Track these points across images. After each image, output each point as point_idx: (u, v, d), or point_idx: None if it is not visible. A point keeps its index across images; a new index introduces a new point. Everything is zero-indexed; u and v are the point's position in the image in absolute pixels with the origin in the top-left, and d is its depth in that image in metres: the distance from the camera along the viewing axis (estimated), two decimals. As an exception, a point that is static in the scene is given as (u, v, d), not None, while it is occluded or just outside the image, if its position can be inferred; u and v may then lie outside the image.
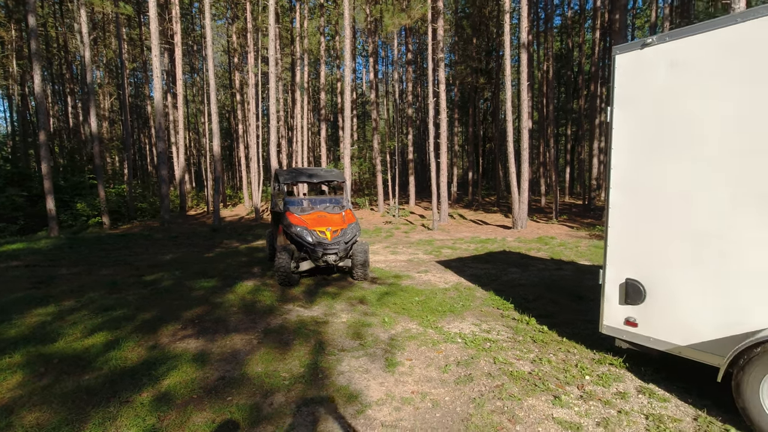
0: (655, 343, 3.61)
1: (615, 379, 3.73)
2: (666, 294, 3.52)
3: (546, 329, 4.93)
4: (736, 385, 2.94)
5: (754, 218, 3.01)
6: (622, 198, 3.81)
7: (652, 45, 3.53)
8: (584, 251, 10.16)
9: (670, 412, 3.22)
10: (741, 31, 3.03)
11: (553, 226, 15.07)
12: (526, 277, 7.61)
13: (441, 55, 15.65)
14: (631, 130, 3.71)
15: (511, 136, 14.52)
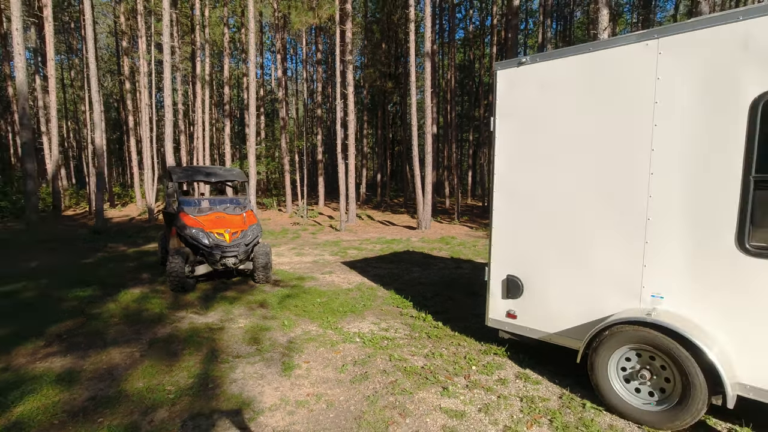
0: (531, 332, 4.01)
1: (497, 367, 4.06)
2: (539, 288, 3.93)
3: (441, 325, 5.21)
4: (590, 365, 3.38)
5: (604, 222, 3.49)
6: (503, 201, 4.17)
7: (526, 64, 3.91)
8: (481, 250, 10.94)
9: (540, 393, 3.60)
10: (595, 59, 3.49)
11: (455, 226, 16.01)
12: (426, 276, 7.97)
13: (350, 57, 15.77)
14: (509, 139, 4.08)
15: (416, 140, 15.13)
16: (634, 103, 3.30)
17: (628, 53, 3.32)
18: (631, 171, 3.33)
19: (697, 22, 3.06)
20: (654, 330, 3.05)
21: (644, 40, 3.24)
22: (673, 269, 3.17)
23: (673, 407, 3.00)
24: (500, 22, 23.27)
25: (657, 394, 3.14)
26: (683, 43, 3.06)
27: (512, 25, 15.03)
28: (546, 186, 3.84)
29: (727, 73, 2.88)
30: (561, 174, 3.74)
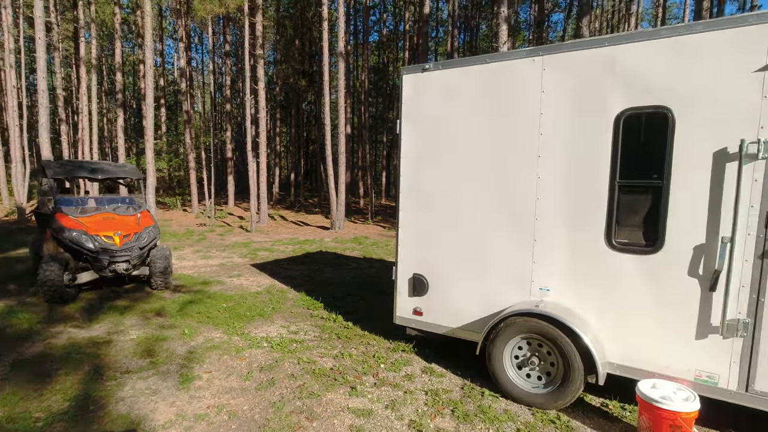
0: (436, 328, 4.18)
1: (405, 363, 4.18)
2: (443, 286, 4.12)
3: (351, 325, 5.23)
4: (488, 356, 3.63)
5: (500, 222, 3.76)
6: (408, 202, 4.31)
7: (430, 71, 4.08)
8: (393, 250, 11.20)
9: (444, 385, 3.77)
10: (491, 70, 3.75)
11: (369, 226, 16.22)
12: (338, 276, 7.95)
13: (261, 51, 15.17)
14: (414, 142, 4.22)
15: (330, 140, 15.05)
16: (523, 113, 3.60)
17: (519, 67, 3.61)
18: (522, 175, 3.63)
19: (573, 44, 3.43)
20: (541, 320, 3.36)
21: (532, 56, 3.56)
22: (557, 264, 3.52)
23: (557, 388, 3.33)
24: (413, 28, 24.08)
25: (544, 377, 3.46)
26: (563, 62, 3.41)
27: (423, 32, 15.63)
28: (448, 188, 4.04)
29: (597, 90, 3.27)
30: (461, 177, 3.96)
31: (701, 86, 2.92)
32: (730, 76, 2.83)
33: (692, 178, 2.98)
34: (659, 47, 3.04)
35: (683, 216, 3.01)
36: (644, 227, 3.19)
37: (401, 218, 4.36)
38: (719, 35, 2.86)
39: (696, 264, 2.99)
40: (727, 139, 2.85)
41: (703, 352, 2.99)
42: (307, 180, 35.21)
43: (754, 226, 2.80)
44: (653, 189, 3.12)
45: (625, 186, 3.22)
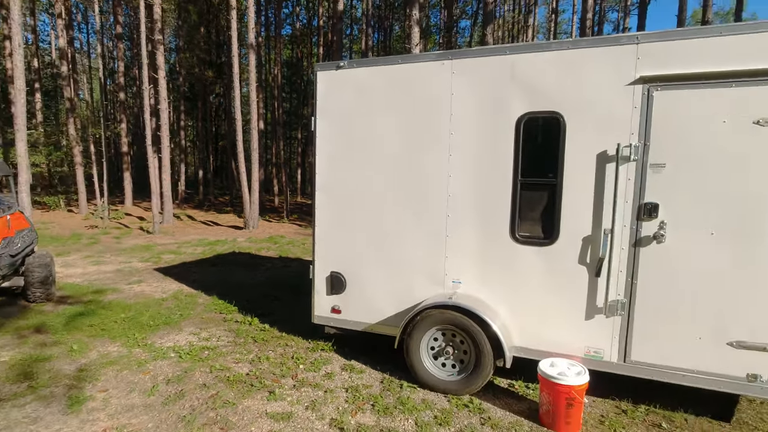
0: (355, 325, 4.21)
1: (324, 362, 4.14)
2: (361, 283, 4.15)
3: (268, 327, 5.05)
4: (406, 348, 3.74)
5: (414, 218, 3.89)
6: (324, 200, 4.27)
7: (345, 68, 4.07)
8: (310, 248, 11.00)
9: (364, 381, 3.81)
10: (404, 71, 3.85)
11: (285, 225, 15.78)
12: (253, 278, 7.63)
13: (160, 37, 13.93)
14: (329, 139, 4.19)
15: (242, 135, 14.34)
16: (435, 113, 3.76)
17: (429, 69, 3.76)
18: (434, 173, 3.79)
19: (479, 50, 3.66)
20: (454, 311, 3.54)
21: (441, 59, 3.72)
22: (468, 258, 3.73)
23: (470, 374, 3.54)
24: (327, 24, 23.84)
25: (458, 365, 3.66)
26: (470, 66, 3.62)
27: (337, 29, 15.56)
28: (363, 186, 4.07)
29: (500, 94, 3.52)
30: (376, 175, 4.02)
31: (586, 96, 3.28)
32: (608, 88, 3.22)
33: (580, 176, 3.34)
34: (551, 58, 3.36)
35: (573, 211, 3.37)
36: (542, 221, 3.51)
37: (317, 216, 4.30)
38: (599, 51, 3.24)
39: (584, 253, 3.37)
40: (607, 143, 3.25)
41: (591, 331, 3.39)
42: (217, 177, 33.23)
43: (629, 218, 3.23)
44: (549, 186, 3.45)
45: (526, 184, 3.51)
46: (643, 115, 3.14)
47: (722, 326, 3.04)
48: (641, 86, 3.14)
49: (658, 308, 3.19)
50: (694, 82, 3.01)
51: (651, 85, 3.11)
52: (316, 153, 4.26)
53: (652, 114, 3.12)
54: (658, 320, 3.19)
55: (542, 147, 3.47)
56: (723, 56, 2.94)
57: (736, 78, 2.92)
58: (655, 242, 3.16)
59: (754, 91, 2.89)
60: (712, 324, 3.06)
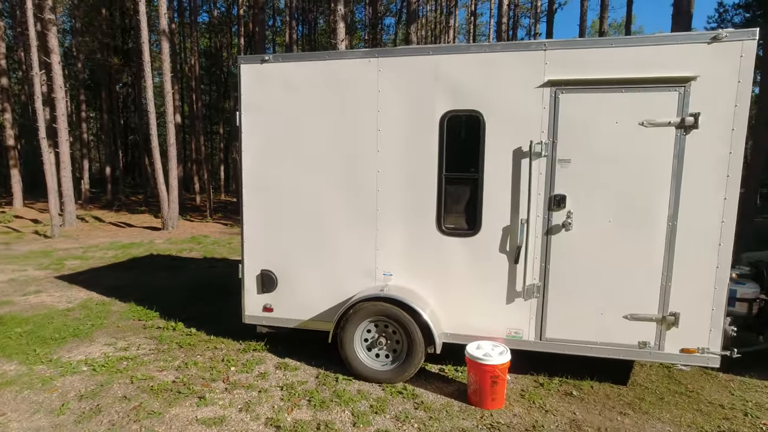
0: (288, 323, 4.16)
1: (257, 362, 4.05)
2: (293, 280, 4.11)
3: (194, 331, 4.81)
4: (340, 342, 3.78)
5: (345, 214, 3.93)
6: (252, 197, 4.15)
7: (270, 62, 3.99)
8: (237, 247, 10.59)
9: (299, 377, 3.79)
10: (331, 67, 3.85)
11: (208, 224, 14.97)
12: (176, 280, 7.18)
13: (51, 16, 12.43)
14: (256, 135, 4.07)
15: (156, 129, 13.32)
16: (362, 110, 3.82)
17: (357, 66, 3.80)
18: (363, 169, 3.85)
19: (404, 49, 3.78)
20: (386, 302, 3.65)
21: (368, 57, 3.78)
22: (398, 251, 3.86)
23: (403, 363, 3.68)
24: (247, 14, 22.84)
25: (391, 355, 3.78)
26: (396, 65, 3.72)
27: (259, 20, 15.00)
28: (293, 182, 4.03)
29: (425, 93, 3.67)
30: (306, 170, 3.99)
31: (502, 96, 3.54)
32: (521, 90, 3.50)
33: (499, 171, 3.60)
34: (471, 60, 3.58)
35: (494, 203, 3.63)
36: (466, 214, 3.74)
37: (246, 214, 4.18)
38: (513, 56, 3.51)
39: (504, 242, 3.65)
40: (521, 140, 3.53)
41: (512, 313, 3.68)
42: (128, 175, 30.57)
43: (541, 209, 3.55)
44: (472, 181, 3.67)
45: (451, 178, 3.71)
46: (552, 115, 3.46)
47: (619, 302, 3.48)
48: (549, 89, 3.45)
49: (568, 289, 3.55)
50: (593, 87, 3.38)
51: (557, 88, 3.44)
52: (242, 149, 4.13)
53: (558, 114, 3.45)
54: (568, 300, 3.56)
55: (464, 144, 3.68)
56: (614, 65, 3.33)
57: (625, 84, 3.32)
58: (564, 230, 3.52)
59: (639, 96, 3.31)
60: (611, 300, 3.48)
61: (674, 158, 3.30)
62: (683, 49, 3.24)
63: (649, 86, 3.29)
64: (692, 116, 3.22)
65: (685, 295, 3.37)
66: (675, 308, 3.39)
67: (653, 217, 3.37)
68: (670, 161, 3.31)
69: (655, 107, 3.30)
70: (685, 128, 3.25)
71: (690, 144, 3.27)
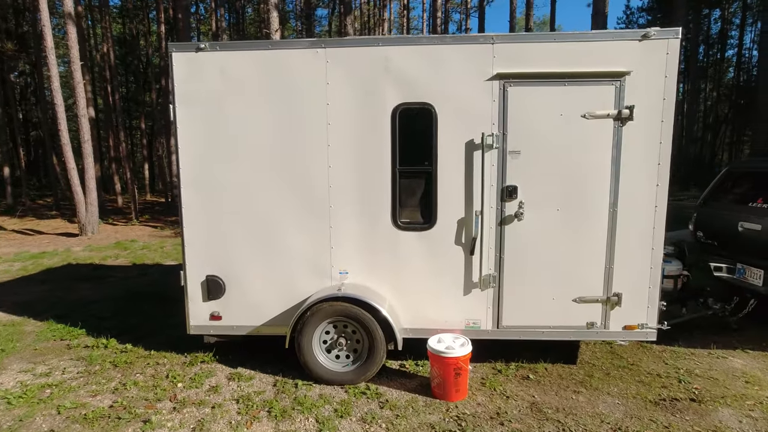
0: (239, 330, 3.90)
1: (207, 375, 3.77)
2: (242, 284, 3.85)
3: (130, 347, 4.37)
4: (298, 346, 3.61)
5: (295, 212, 3.74)
6: (192, 197, 3.82)
7: (206, 51, 3.67)
8: (170, 251, 9.84)
9: (255, 387, 3.58)
10: (275, 57, 3.62)
11: (134, 227, 13.76)
12: (102, 291, 6.50)
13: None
14: (193, 130, 3.73)
15: (65, 124, 11.93)
16: (310, 103, 3.64)
17: (303, 56, 3.61)
18: (314, 164, 3.69)
19: (353, 40, 3.66)
20: (344, 302, 3.54)
21: (314, 47, 3.60)
22: (353, 247, 3.75)
23: (365, 362, 3.60)
24: (167, 0, 21.14)
25: (352, 355, 3.68)
26: (344, 56, 3.58)
27: (182, 5, 13.93)
28: (237, 180, 3.76)
29: (376, 85, 3.58)
30: (251, 167, 3.74)
31: (453, 88, 3.54)
32: (471, 82, 3.52)
33: (452, 164, 3.61)
34: (422, 52, 3.53)
35: (448, 195, 3.64)
36: (421, 207, 3.71)
37: (185, 216, 3.83)
38: (462, 48, 3.51)
39: (459, 234, 3.68)
40: (473, 132, 3.56)
41: (469, 305, 3.73)
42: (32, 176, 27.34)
43: (495, 200, 3.61)
44: (426, 174, 3.65)
45: (405, 172, 3.66)
46: (501, 107, 3.52)
47: (568, 286, 3.65)
48: (498, 82, 3.51)
49: (522, 277, 3.67)
50: (538, 80, 3.49)
51: (506, 81, 3.50)
52: (179, 146, 3.77)
53: (507, 106, 3.52)
54: (522, 287, 3.67)
55: (417, 137, 3.64)
56: (557, 59, 3.45)
57: (568, 78, 3.46)
58: (516, 220, 3.61)
59: (580, 89, 3.47)
60: (561, 285, 3.65)
61: (613, 148, 3.50)
62: (618, 45, 3.43)
63: (589, 80, 3.46)
64: (627, 108, 3.43)
65: (625, 277, 3.62)
66: (617, 289, 3.62)
67: (596, 205, 3.56)
68: (609, 151, 3.51)
69: (594, 100, 3.47)
70: (622, 120, 3.46)
71: (626, 135, 3.48)
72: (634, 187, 3.53)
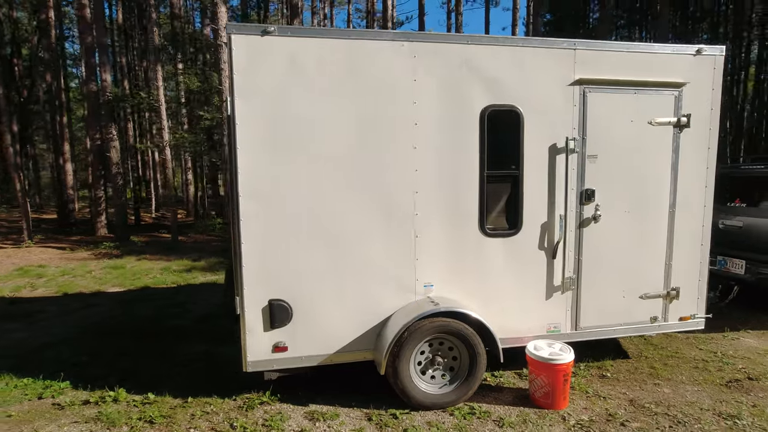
0: (308, 360, 3.36)
1: (281, 419, 3.16)
2: (311, 307, 3.32)
3: (153, 396, 3.50)
4: (393, 371, 3.22)
5: (376, 220, 3.36)
6: (253, 207, 3.22)
7: (274, 35, 3.14)
8: (104, 277, 8.26)
9: (349, 425, 3.10)
10: (357, 47, 3.23)
11: (32, 250, 11.30)
12: (45, 331, 5.18)
13: None
14: (256, 128, 3.16)
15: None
16: (396, 100, 3.32)
17: (388, 49, 3.28)
18: (398, 167, 3.36)
19: (439, 35, 3.44)
20: (445, 317, 3.26)
21: (400, 40, 3.31)
22: (439, 257, 3.49)
23: (465, 380, 3.35)
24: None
25: (448, 374, 3.40)
26: (432, 52, 3.34)
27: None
28: (308, 186, 3.26)
29: (464, 85, 3.40)
30: (325, 171, 3.28)
31: (537, 91, 3.51)
32: (554, 86, 3.54)
33: (537, 167, 3.57)
34: (507, 53, 3.45)
35: (532, 200, 3.59)
36: (507, 212, 3.60)
37: (243, 230, 3.21)
38: (547, 52, 3.51)
39: (543, 239, 3.64)
40: (556, 136, 3.57)
41: (550, 309, 3.70)
42: None
43: (575, 204, 3.65)
44: (512, 178, 3.56)
45: (492, 176, 3.52)
46: (581, 112, 3.59)
47: (635, 284, 3.82)
48: (579, 87, 3.57)
49: (596, 278, 3.74)
50: (613, 87, 3.62)
51: (585, 87, 3.58)
52: (238, 146, 3.15)
53: (587, 111, 3.60)
54: (597, 288, 3.75)
55: (504, 140, 3.53)
56: (629, 67, 3.63)
57: (637, 86, 3.66)
58: (594, 222, 3.69)
59: (647, 97, 3.69)
60: (629, 283, 3.80)
61: (672, 153, 3.77)
62: (678, 58, 3.72)
63: (654, 89, 3.69)
64: (685, 116, 3.73)
65: (681, 272, 3.90)
66: (675, 284, 3.89)
67: (659, 206, 3.80)
68: (669, 156, 3.77)
69: (658, 108, 3.71)
70: (680, 127, 3.75)
71: (683, 141, 3.78)
72: (689, 189, 3.83)
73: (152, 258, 10.10)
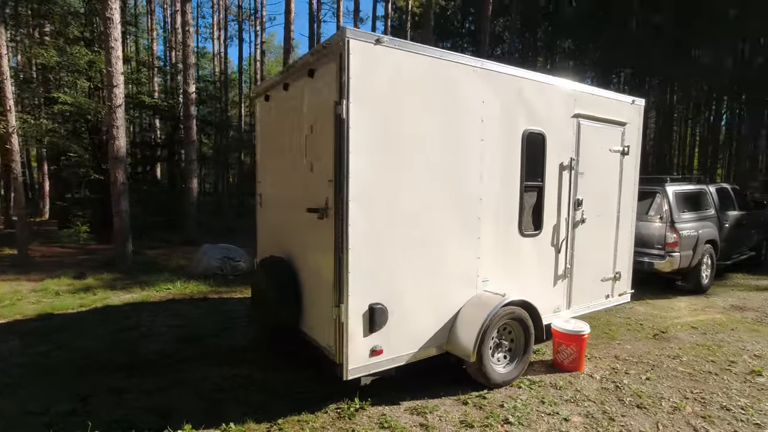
0: (398, 361, 3.50)
1: (385, 422, 3.21)
2: (402, 308, 3.47)
3: (234, 427, 3.07)
4: (478, 357, 3.62)
5: (453, 223, 3.73)
6: (362, 213, 3.23)
7: (386, 45, 3.25)
8: (54, 302, 6.00)
9: (453, 414, 3.36)
10: (442, 67, 3.56)
11: None
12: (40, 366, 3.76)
13: None
14: (366, 133, 3.21)
15: None
16: (470, 117, 3.77)
17: (465, 71, 3.71)
18: (470, 177, 3.81)
19: (501, 66, 3.99)
20: (514, 306, 3.84)
21: (473, 65, 3.76)
22: (492, 256, 4.04)
23: (521, 358, 3.97)
24: None
25: (508, 355, 3.97)
26: (493, 79, 3.89)
27: None
28: (403, 192, 3.46)
29: (512, 109, 4.05)
30: (418, 179, 3.53)
31: (554, 120, 4.40)
32: (563, 116, 4.48)
33: (551, 180, 4.45)
34: (540, 87, 4.24)
35: (549, 206, 4.45)
36: (533, 216, 4.38)
37: (351, 236, 3.19)
38: (553, 88, 4.41)
39: (553, 237, 4.54)
40: (562, 156, 4.52)
41: (555, 293, 4.63)
42: None
43: (571, 209, 4.66)
44: (538, 188, 4.35)
45: (527, 187, 4.25)
46: (577, 138, 4.63)
47: (600, 271, 5.07)
48: (575, 119, 4.60)
49: (580, 267, 4.84)
50: (594, 121, 4.77)
51: (580, 119, 4.63)
52: (351, 150, 3.12)
53: (581, 138, 4.66)
54: (581, 275, 4.85)
55: (534, 157, 4.30)
56: (602, 107, 4.84)
57: (605, 122, 4.90)
58: (582, 224, 4.77)
59: (609, 130, 4.97)
60: (597, 270, 5.03)
61: (620, 173, 5.16)
62: (623, 104, 5.12)
63: (612, 125, 4.99)
64: (626, 147, 5.15)
65: (621, 259, 5.33)
66: (618, 269, 5.30)
67: (612, 210, 5.13)
68: (618, 175, 5.15)
69: (614, 139, 5.04)
70: (623, 154, 5.16)
71: (625, 164, 5.20)
72: (627, 200, 5.29)
73: (5, 279, 7.70)
